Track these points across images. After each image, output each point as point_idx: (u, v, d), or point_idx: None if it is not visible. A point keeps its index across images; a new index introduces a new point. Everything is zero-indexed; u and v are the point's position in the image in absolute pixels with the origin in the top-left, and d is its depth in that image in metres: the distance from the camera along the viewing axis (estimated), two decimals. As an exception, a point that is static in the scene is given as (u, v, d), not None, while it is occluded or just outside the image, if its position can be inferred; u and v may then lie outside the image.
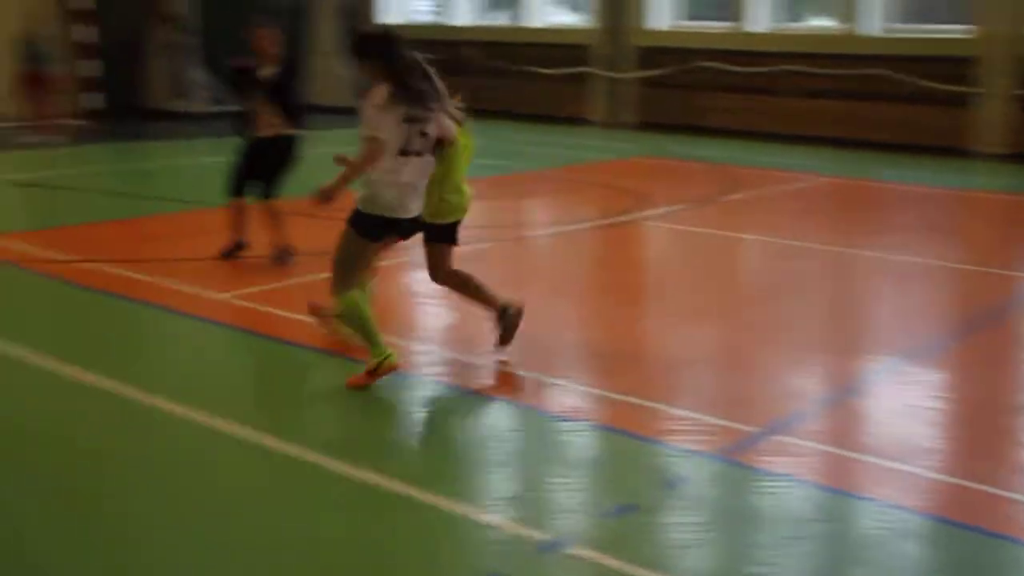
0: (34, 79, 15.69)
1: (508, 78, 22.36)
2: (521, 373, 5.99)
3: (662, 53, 20.24)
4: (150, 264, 8.36)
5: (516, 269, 8.88)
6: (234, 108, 8.70)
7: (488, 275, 8.31)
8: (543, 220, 11.21)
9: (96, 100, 18.68)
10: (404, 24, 24.43)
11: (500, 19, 23.84)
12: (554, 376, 5.93)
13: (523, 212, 11.91)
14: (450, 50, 23.13)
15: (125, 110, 19.06)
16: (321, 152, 7.97)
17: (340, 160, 5.62)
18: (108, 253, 8.73)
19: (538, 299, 7.69)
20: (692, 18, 20.26)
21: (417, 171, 5.66)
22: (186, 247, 9.01)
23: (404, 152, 5.58)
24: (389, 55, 5.52)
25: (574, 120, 21.04)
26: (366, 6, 24.49)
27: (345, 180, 5.57)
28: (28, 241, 9.11)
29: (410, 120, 5.54)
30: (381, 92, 5.52)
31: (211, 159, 13.34)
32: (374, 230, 5.65)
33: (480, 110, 24.57)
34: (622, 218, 10.83)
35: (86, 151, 15.34)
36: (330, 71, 22.65)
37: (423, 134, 5.61)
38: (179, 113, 19.48)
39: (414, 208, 5.71)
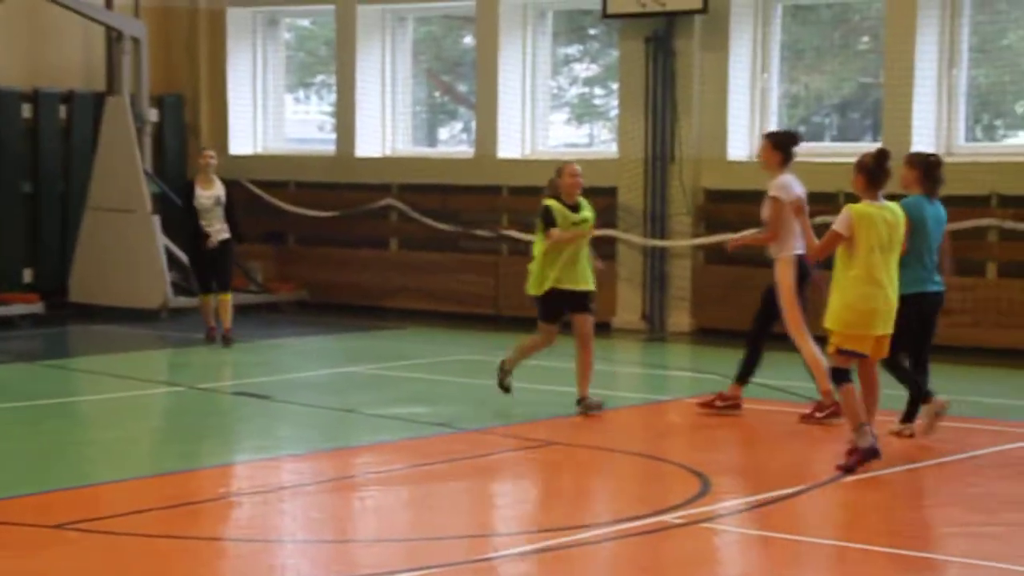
0: None
1: (465, 250, 22.25)
2: None
3: (736, 199, 20.02)
4: None
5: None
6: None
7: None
8: (527, 524, 11.08)
9: None
10: (264, 154, 24.44)
11: (445, 146, 24.04)
12: None
13: (492, 509, 11.82)
14: (350, 196, 23.08)
15: None
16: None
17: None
18: None
19: None
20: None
21: None
22: None
23: None
24: None
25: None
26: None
27: None
28: None
29: None
30: None
31: None
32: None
33: (391, 310, 24.11)
34: (668, 518, 10.64)
35: None
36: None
37: None
38: None
39: None
